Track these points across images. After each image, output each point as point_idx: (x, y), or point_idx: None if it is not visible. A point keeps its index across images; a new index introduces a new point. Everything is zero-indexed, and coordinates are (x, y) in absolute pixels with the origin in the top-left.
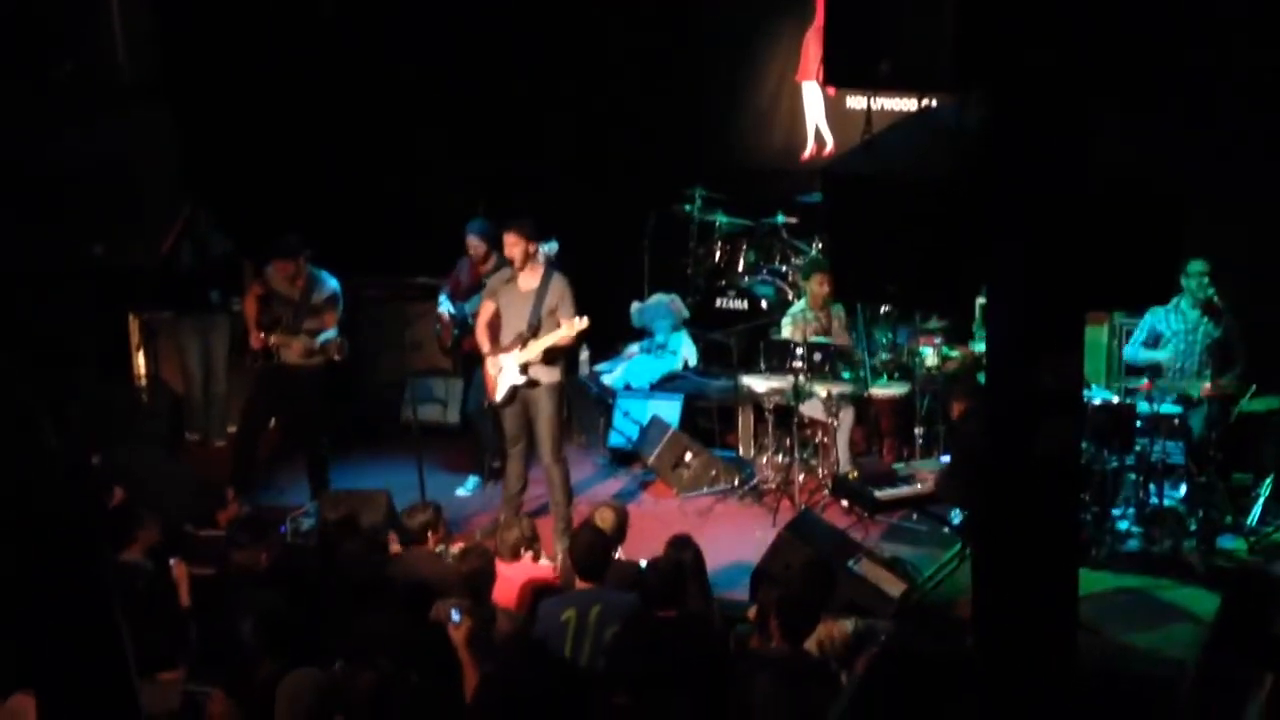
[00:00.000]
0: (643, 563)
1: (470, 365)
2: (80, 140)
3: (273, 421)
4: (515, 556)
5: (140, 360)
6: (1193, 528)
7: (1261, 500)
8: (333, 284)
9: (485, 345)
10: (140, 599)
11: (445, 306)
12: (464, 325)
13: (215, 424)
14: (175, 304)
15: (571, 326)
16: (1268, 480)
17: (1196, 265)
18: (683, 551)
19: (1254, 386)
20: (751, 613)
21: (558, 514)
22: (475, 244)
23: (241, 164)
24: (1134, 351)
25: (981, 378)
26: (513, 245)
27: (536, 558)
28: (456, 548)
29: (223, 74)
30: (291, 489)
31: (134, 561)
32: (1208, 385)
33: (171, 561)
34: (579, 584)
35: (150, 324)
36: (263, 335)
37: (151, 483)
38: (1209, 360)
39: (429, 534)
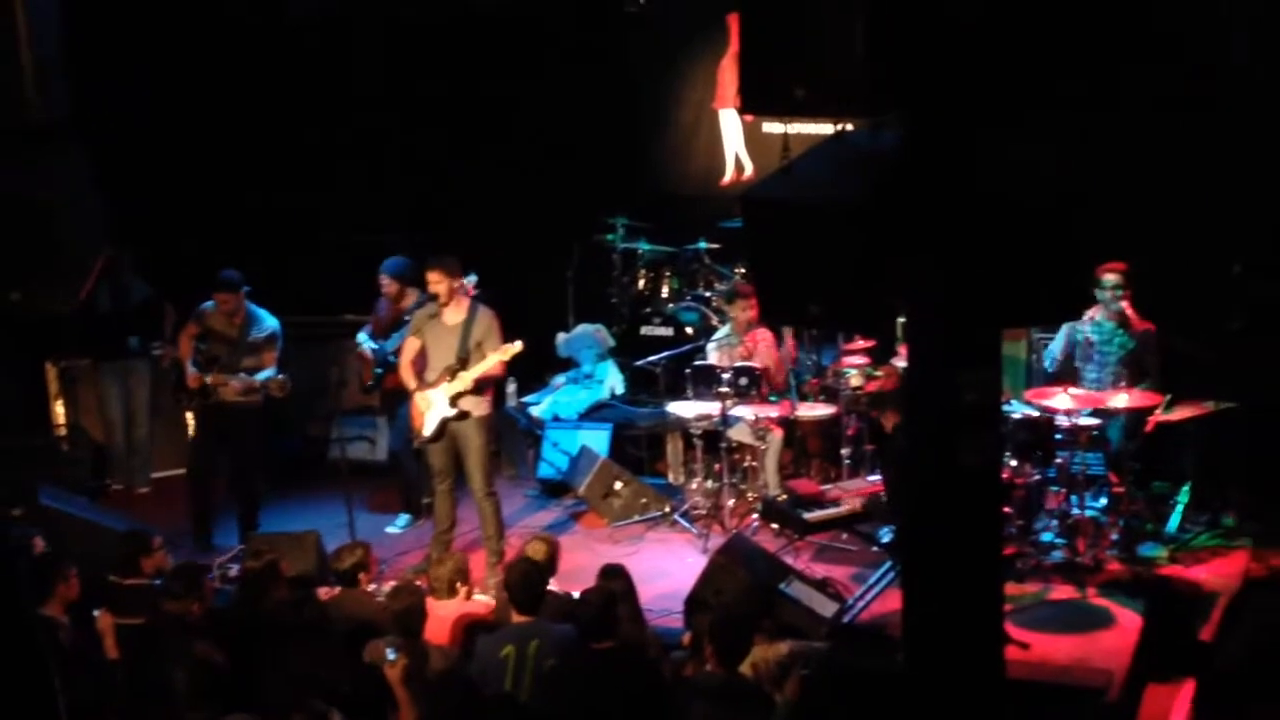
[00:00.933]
0: (576, 594)
1: (394, 402)
2: None
3: None
4: (450, 593)
5: (59, 408)
6: (1114, 537)
7: (1180, 507)
8: (271, 322)
9: (411, 382)
10: (62, 652)
11: (366, 344)
12: (385, 362)
13: (138, 471)
14: (94, 350)
15: (506, 351)
16: (1185, 488)
17: (1109, 279)
18: (614, 581)
19: (1170, 396)
20: (686, 639)
21: (490, 548)
22: (387, 283)
23: (161, 207)
24: (1051, 363)
25: None
26: (437, 282)
27: (469, 594)
28: (388, 586)
29: (140, 115)
30: (219, 531)
31: (49, 617)
32: (1124, 397)
33: (96, 612)
34: (515, 618)
35: (69, 371)
36: (199, 375)
37: (74, 533)
38: (1124, 371)
39: (360, 574)
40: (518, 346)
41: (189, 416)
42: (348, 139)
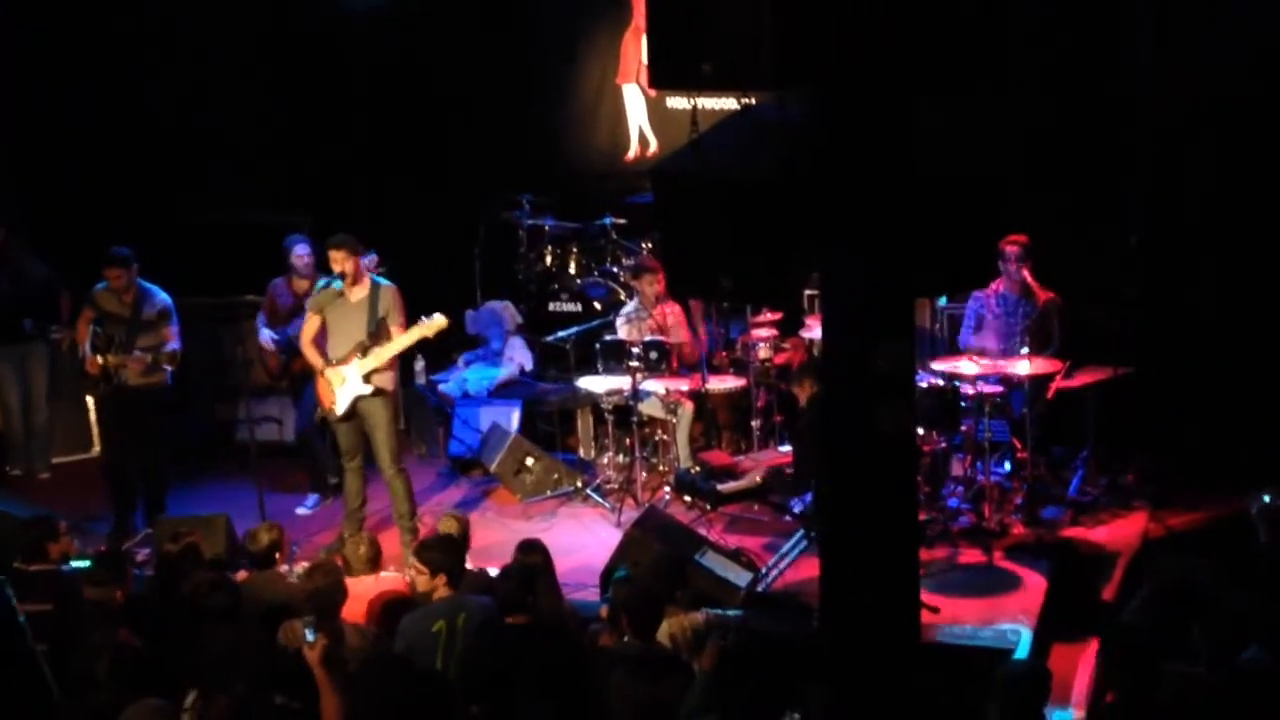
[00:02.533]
0: (491, 570)
1: (300, 384)
2: None
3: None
4: (367, 572)
5: None
6: (1019, 502)
7: (1080, 472)
8: (163, 297)
9: (318, 361)
10: None
11: (266, 334)
12: (290, 349)
13: (38, 456)
14: None
15: (429, 326)
16: (1084, 452)
17: (1010, 250)
18: (531, 555)
19: (1070, 363)
20: (603, 611)
21: (403, 525)
22: (303, 254)
23: (58, 188)
24: (965, 339)
25: None
26: (341, 261)
27: (382, 568)
28: (301, 566)
29: (33, 98)
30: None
31: None
32: (1027, 364)
33: None
34: (439, 592)
35: None
36: (98, 358)
37: None
38: (1027, 339)
39: (275, 555)
40: (441, 321)
41: (89, 400)
42: (250, 120)
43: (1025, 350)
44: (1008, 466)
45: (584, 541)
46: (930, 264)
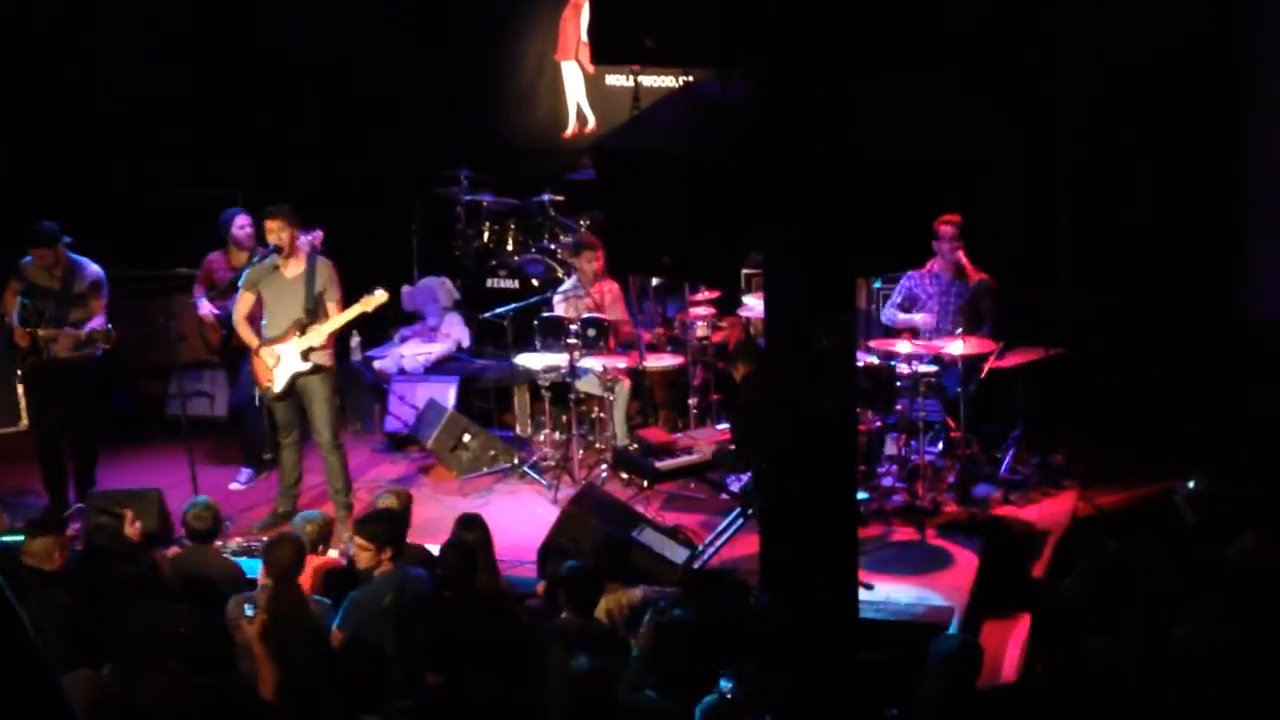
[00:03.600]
0: (428, 545)
1: (235, 358)
2: None
3: None
4: (313, 550)
5: None
6: (951, 480)
7: (1012, 451)
8: (94, 270)
9: (252, 340)
10: None
11: (207, 308)
12: (230, 323)
13: None
14: None
15: (370, 302)
16: (1016, 432)
17: (945, 230)
18: (471, 531)
19: (1003, 343)
20: (541, 588)
21: (339, 501)
22: (244, 225)
23: None
24: (890, 315)
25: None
26: (279, 230)
27: (325, 550)
28: (234, 542)
29: None
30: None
31: None
32: (960, 344)
33: None
34: (381, 566)
35: None
36: (27, 331)
37: None
38: (961, 320)
39: (216, 533)
40: (382, 296)
41: (18, 373)
42: (181, 91)
43: (959, 330)
44: (941, 445)
45: (521, 518)
46: (872, 243)
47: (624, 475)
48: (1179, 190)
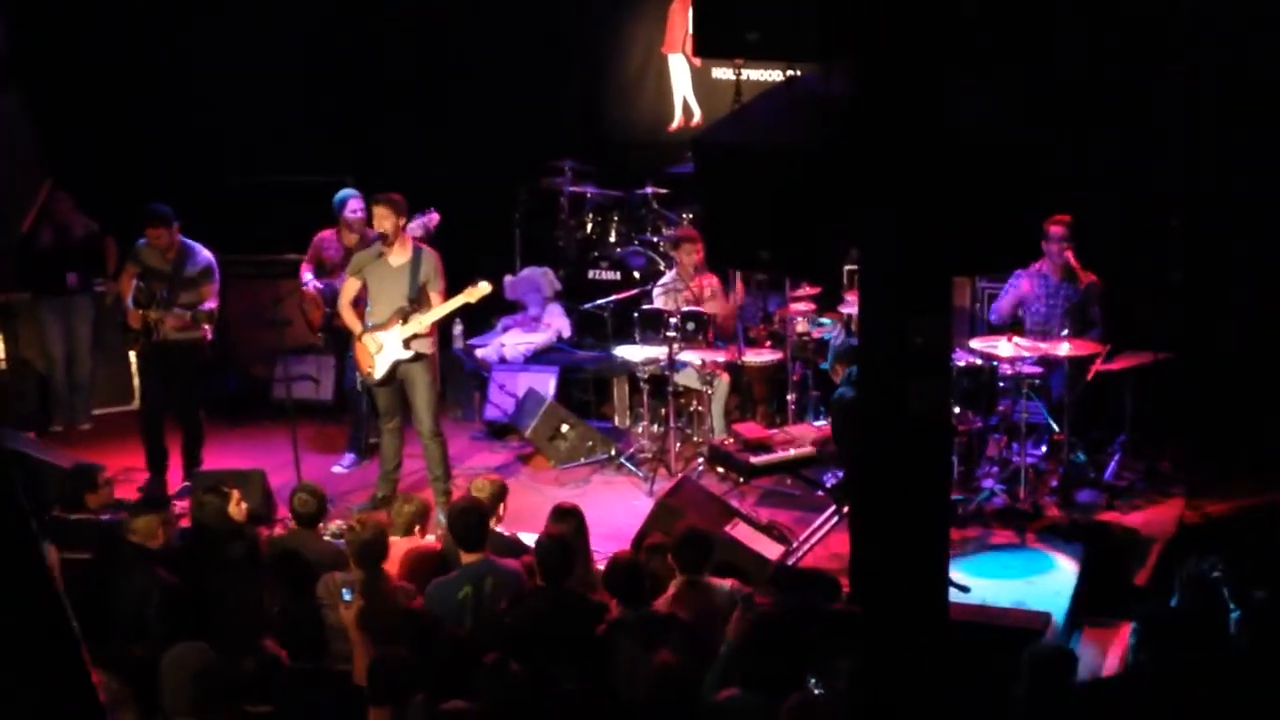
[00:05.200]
0: (521, 534)
1: (342, 342)
2: None
3: None
4: (406, 533)
5: (0, 344)
6: (1054, 484)
7: (1117, 457)
8: (205, 255)
9: (356, 325)
10: None
11: (313, 284)
12: (335, 302)
13: (80, 408)
14: (34, 285)
15: (473, 293)
16: (1122, 437)
17: (1054, 230)
18: (567, 521)
19: (1110, 347)
20: None
21: (437, 488)
22: (357, 208)
23: (105, 143)
24: (999, 306)
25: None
26: (384, 218)
27: (424, 534)
28: (334, 525)
29: (80, 52)
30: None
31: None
32: (1067, 346)
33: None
34: (464, 557)
35: (9, 307)
36: (139, 313)
37: (17, 467)
38: (1068, 322)
39: (320, 518)
40: (486, 288)
41: (132, 355)
42: (294, 79)
43: (1065, 332)
44: (1044, 448)
45: (616, 510)
46: (969, 241)
47: (719, 470)
48: None
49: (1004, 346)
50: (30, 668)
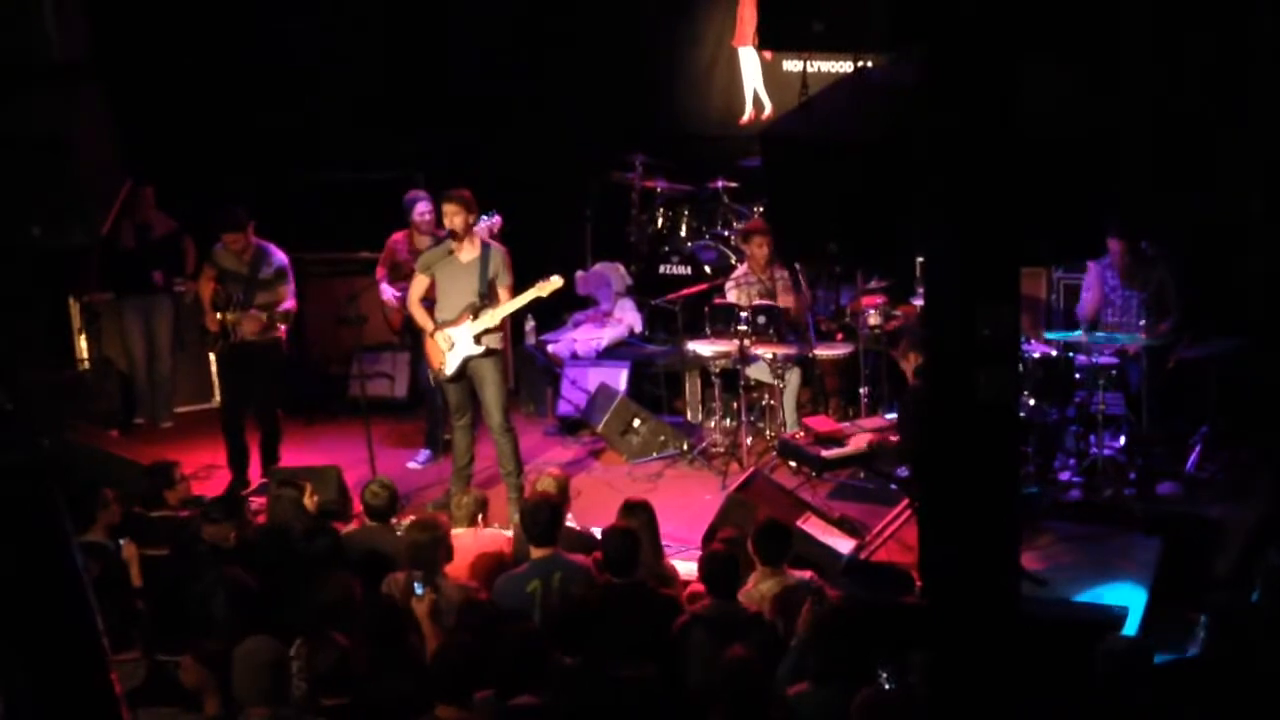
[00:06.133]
0: (594, 529)
1: (418, 339)
2: (11, 119)
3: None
4: (469, 523)
5: (82, 343)
6: (1132, 476)
7: (1198, 448)
8: (280, 256)
9: (426, 323)
10: (96, 580)
11: (389, 292)
12: None
13: (161, 406)
14: (117, 285)
15: (545, 287)
16: (1202, 427)
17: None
18: (637, 515)
19: (1190, 335)
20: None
21: (510, 484)
22: (425, 211)
23: (185, 143)
24: (1082, 307)
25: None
26: (454, 215)
27: (486, 524)
28: (409, 521)
29: (163, 52)
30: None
31: (97, 542)
32: (1144, 336)
33: (122, 542)
34: (534, 552)
35: (91, 306)
36: (218, 315)
37: (98, 465)
38: (1145, 311)
39: (393, 511)
40: (557, 282)
41: (212, 356)
42: (365, 75)
43: (1142, 322)
44: (1123, 440)
45: (688, 504)
46: (1038, 231)
47: (792, 464)
48: None
49: (1080, 336)
50: (47, 663)
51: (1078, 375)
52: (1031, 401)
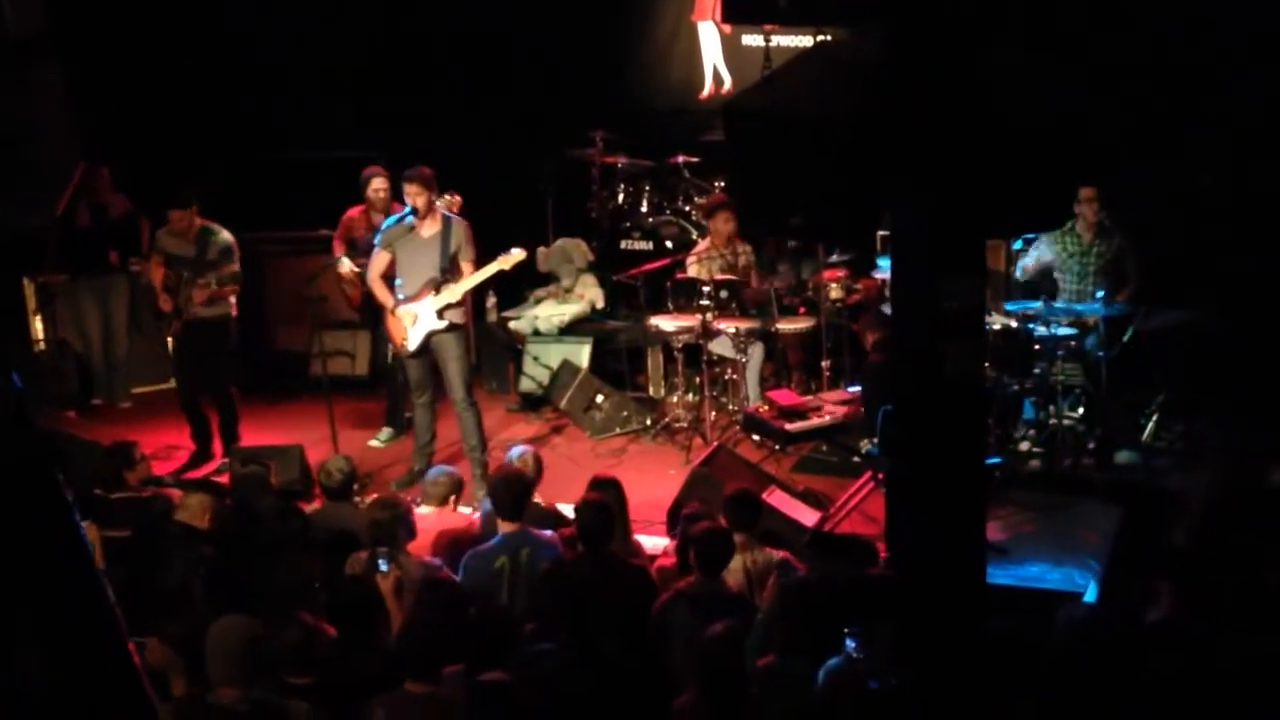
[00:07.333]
0: (560, 505)
1: (378, 317)
2: None
3: None
4: (440, 503)
5: (38, 324)
6: (1090, 446)
7: (1155, 416)
8: (225, 236)
9: (387, 299)
10: None
11: (348, 264)
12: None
13: (118, 386)
14: (72, 266)
15: (506, 260)
16: (1160, 396)
17: (1085, 190)
18: (605, 491)
19: (1147, 305)
20: (669, 547)
21: (474, 459)
22: (380, 187)
23: (141, 123)
24: (1022, 274)
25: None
26: (416, 195)
27: (456, 505)
28: (371, 499)
29: (118, 32)
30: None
31: None
32: (1100, 306)
33: (83, 524)
34: (502, 526)
35: (47, 287)
36: (168, 297)
37: (58, 446)
38: (1103, 281)
39: (351, 488)
40: (519, 255)
41: (166, 338)
42: (320, 56)
43: (1100, 293)
44: (1081, 410)
45: (652, 479)
46: (1004, 204)
47: (755, 437)
48: None
49: (1039, 307)
50: (70, 650)
51: (1036, 346)
52: (992, 373)
